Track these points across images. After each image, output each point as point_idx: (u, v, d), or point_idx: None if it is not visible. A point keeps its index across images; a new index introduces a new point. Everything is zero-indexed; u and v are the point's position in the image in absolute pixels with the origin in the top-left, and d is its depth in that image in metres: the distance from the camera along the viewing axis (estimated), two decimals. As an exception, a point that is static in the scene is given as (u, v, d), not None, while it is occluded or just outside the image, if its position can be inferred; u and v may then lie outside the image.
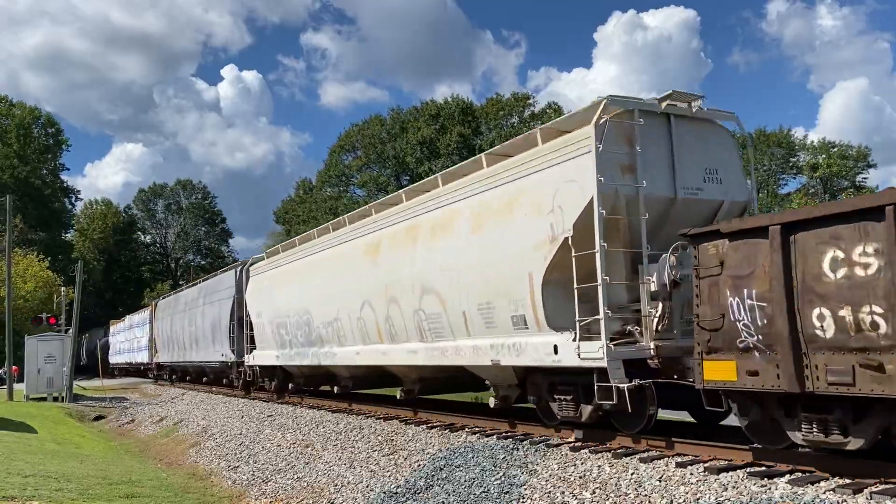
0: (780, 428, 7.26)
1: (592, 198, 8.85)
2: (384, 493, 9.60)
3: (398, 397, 14.27)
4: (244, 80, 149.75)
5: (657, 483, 7.41)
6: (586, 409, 9.62)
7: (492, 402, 11.48)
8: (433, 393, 14.67)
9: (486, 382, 11.80)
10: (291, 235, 34.30)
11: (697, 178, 9.75)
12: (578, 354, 9.00)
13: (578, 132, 9.41)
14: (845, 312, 6.30)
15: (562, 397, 9.96)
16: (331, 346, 15.81)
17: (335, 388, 16.87)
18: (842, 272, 6.34)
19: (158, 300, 40.05)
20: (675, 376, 8.62)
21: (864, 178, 61.61)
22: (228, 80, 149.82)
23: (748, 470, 7.30)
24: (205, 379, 29.45)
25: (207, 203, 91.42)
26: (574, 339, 9.08)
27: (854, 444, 6.64)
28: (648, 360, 8.79)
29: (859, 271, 6.22)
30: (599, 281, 8.77)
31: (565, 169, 9.43)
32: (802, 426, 6.96)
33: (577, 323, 9.00)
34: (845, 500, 6.10)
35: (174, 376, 35.31)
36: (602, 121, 9.10)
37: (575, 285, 9.06)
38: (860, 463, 6.81)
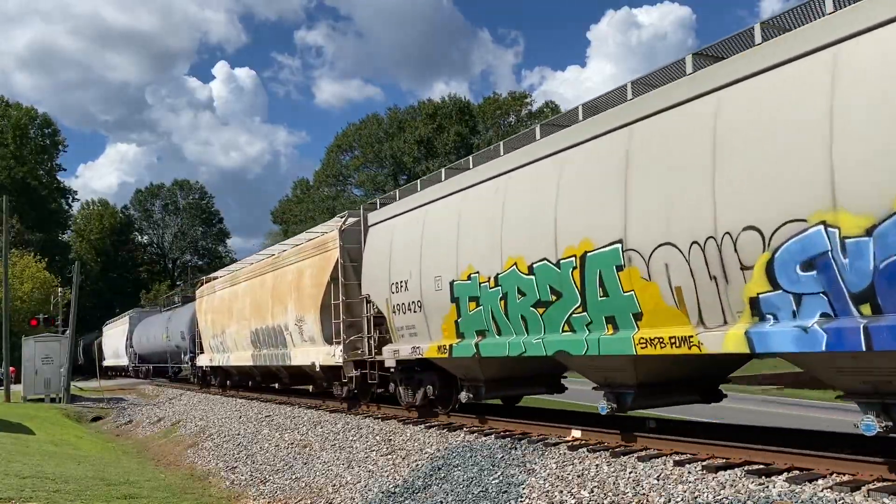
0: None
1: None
2: (382, 492, 9.59)
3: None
4: (237, 77, 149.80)
5: (655, 481, 7.41)
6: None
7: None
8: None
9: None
10: (289, 235, 34.34)
11: None
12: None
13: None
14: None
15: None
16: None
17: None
18: None
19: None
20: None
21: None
22: (221, 79, 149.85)
23: (746, 468, 7.30)
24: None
25: (204, 203, 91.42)
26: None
27: None
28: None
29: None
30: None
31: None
32: None
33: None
34: (843, 498, 6.10)
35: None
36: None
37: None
38: (859, 460, 6.82)
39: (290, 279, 17.90)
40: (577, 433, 9.92)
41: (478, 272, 10.48)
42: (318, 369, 16.39)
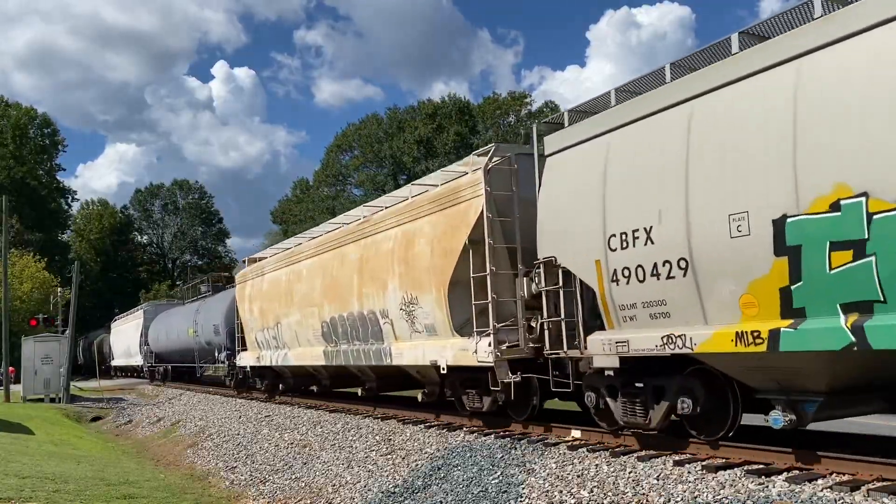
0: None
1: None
2: (382, 492, 9.59)
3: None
4: (236, 77, 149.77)
5: (655, 481, 7.41)
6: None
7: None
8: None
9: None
10: (289, 235, 34.05)
11: None
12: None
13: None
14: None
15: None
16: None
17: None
18: None
19: None
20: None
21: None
22: (220, 79, 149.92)
23: (745, 468, 7.30)
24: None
25: (204, 203, 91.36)
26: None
27: None
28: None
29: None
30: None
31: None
32: None
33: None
34: (843, 498, 6.10)
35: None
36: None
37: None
38: (859, 460, 6.82)
39: (389, 248, 13.36)
40: (576, 433, 9.92)
41: (864, 194, 6.04)
42: (443, 371, 11.81)
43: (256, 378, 21.97)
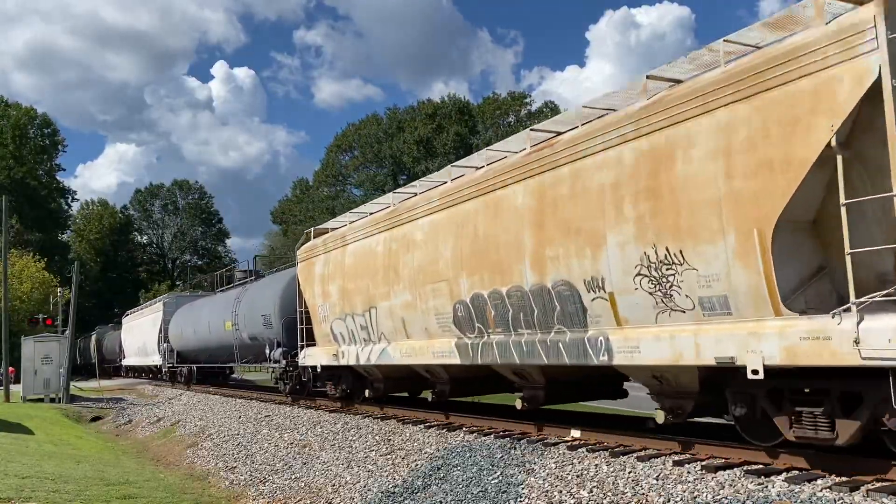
0: None
1: None
2: (382, 492, 9.59)
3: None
4: (236, 77, 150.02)
5: (654, 481, 7.42)
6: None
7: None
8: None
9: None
10: (289, 236, 33.14)
11: None
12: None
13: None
14: None
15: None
16: None
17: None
18: None
19: None
20: None
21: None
22: (220, 78, 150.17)
23: (745, 468, 7.30)
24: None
25: (204, 203, 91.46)
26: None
27: None
28: None
29: None
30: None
31: None
32: None
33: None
34: (842, 498, 6.10)
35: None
36: None
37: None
38: (857, 460, 6.82)
39: (608, 180, 8.46)
40: (576, 433, 9.92)
41: None
42: (754, 376, 6.84)
43: (330, 382, 17.12)
